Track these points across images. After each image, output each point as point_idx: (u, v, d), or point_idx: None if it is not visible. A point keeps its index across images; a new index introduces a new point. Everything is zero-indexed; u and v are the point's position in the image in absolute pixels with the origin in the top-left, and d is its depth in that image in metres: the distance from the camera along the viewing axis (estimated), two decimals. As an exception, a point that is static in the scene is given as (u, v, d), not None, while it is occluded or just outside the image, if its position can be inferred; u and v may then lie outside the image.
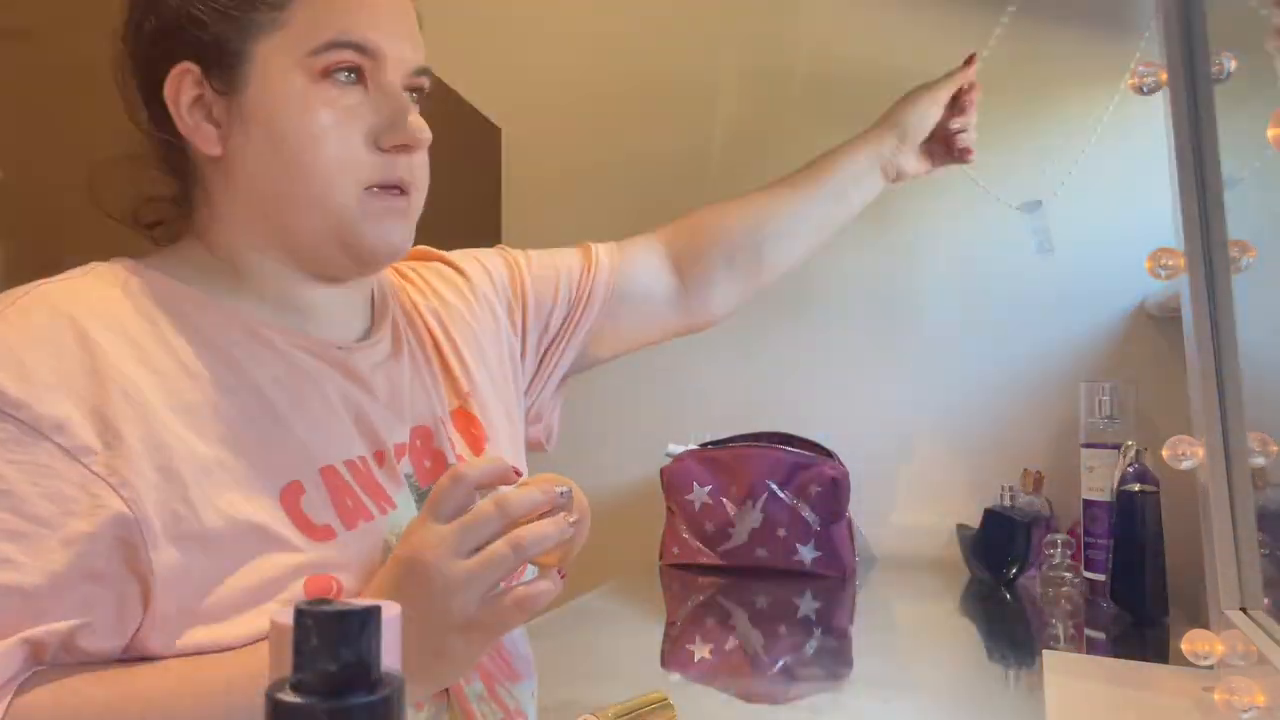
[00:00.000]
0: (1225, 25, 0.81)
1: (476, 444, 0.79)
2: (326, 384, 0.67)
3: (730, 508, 1.34)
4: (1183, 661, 0.72)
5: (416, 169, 0.68)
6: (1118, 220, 1.38)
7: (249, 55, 0.64)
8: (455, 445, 0.76)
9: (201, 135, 0.64)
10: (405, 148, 0.66)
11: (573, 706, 0.71)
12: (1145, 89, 0.83)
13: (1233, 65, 0.80)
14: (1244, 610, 0.74)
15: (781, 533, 1.30)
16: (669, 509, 1.39)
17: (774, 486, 1.32)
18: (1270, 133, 0.62)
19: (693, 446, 1.41)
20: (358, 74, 0.65)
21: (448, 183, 0.74)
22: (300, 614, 0.30)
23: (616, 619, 1.07)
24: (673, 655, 0.95)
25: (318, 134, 0.64)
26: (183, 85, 0.64)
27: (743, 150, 1.58)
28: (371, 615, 0.31)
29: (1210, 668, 0.71)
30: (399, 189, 0.67)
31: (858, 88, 1.52)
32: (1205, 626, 0.73)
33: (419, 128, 0.66)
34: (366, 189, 0.65)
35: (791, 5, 1.55)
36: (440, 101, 0.73)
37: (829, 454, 1.37)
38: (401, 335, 0.77)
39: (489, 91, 1.71)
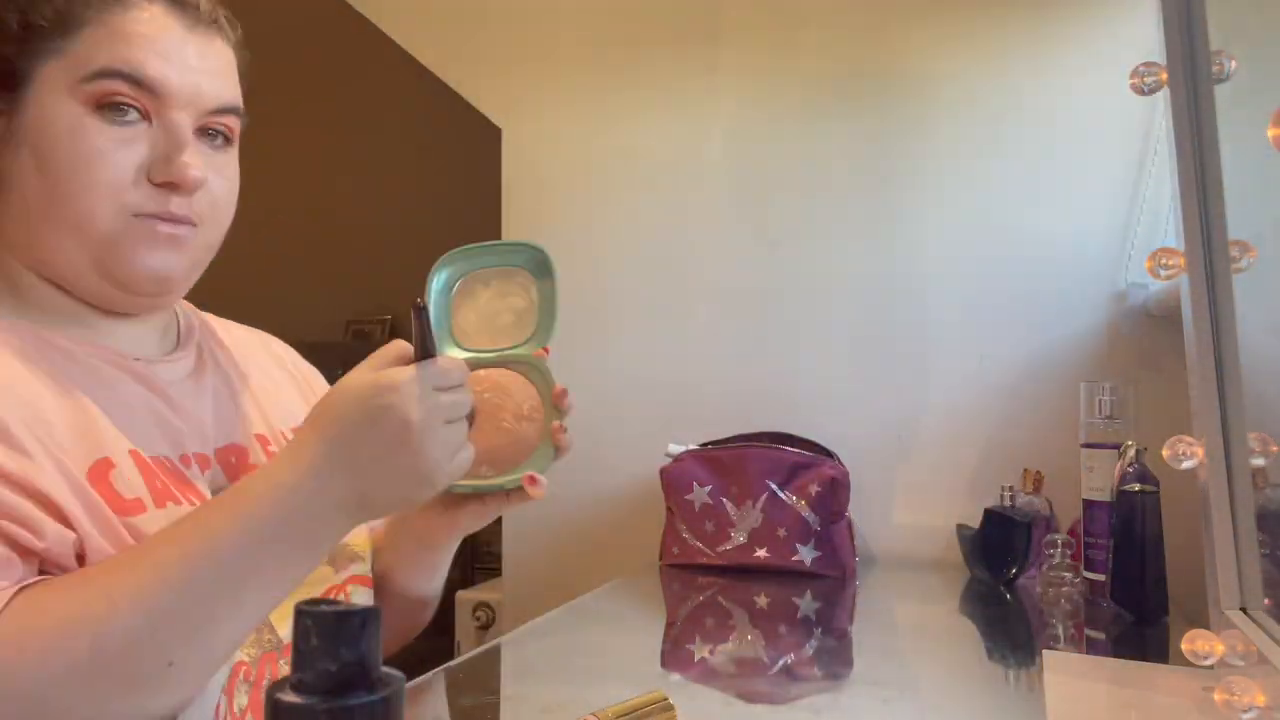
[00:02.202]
0: (1225, 25, 0.81)
1: None
2: (124, 389, 0.67)
3: (730, 508, 1.34)
4: (1183, 661, 0.72)
5: (202, 206, 0.68)
6: (1118, 220, 1.38)
7: (31, 78, 0.64)
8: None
9: None
10: (173, 185, 0.65)
11: (573, 706, 0.71)
12: (1145, 89, 0.83)
13: (1233, 65, 0.80)
14: (1244, 610, 0.74)
15: (781, 533, 1.30)
16: (669, 509, 1.39)
17: (774, 486, 1.32)
18: (1270, 133, 0.62)
19: (693, 446, 1.41)
20: (141, 111, 0.65)
21: (448, 183, 0.74)
22: (300, 614, 0.30)
23: (616, 619, 1.07)
24: (673, 655, 0.95)
25: (84, 161, 0.63)
26: None
27: (743, 150, 1.58)
28: (371, 615, 0.31)
29: (1210, 668, 0.71)
30: (175, 220, 0.66)
31: (858, 88, 1.52)
32: (1205, 626, 0.73)
33: (188, 166, 0.65)
34: (135, 215, 0.65)
35: (792, 5, 1.55)
36: (440, 101, 0.74)
37: (829, 454, 1.37)
38: (206, 360, 0.76)
39: (489, 91, 1.71)
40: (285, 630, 0.68)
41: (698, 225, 1.59)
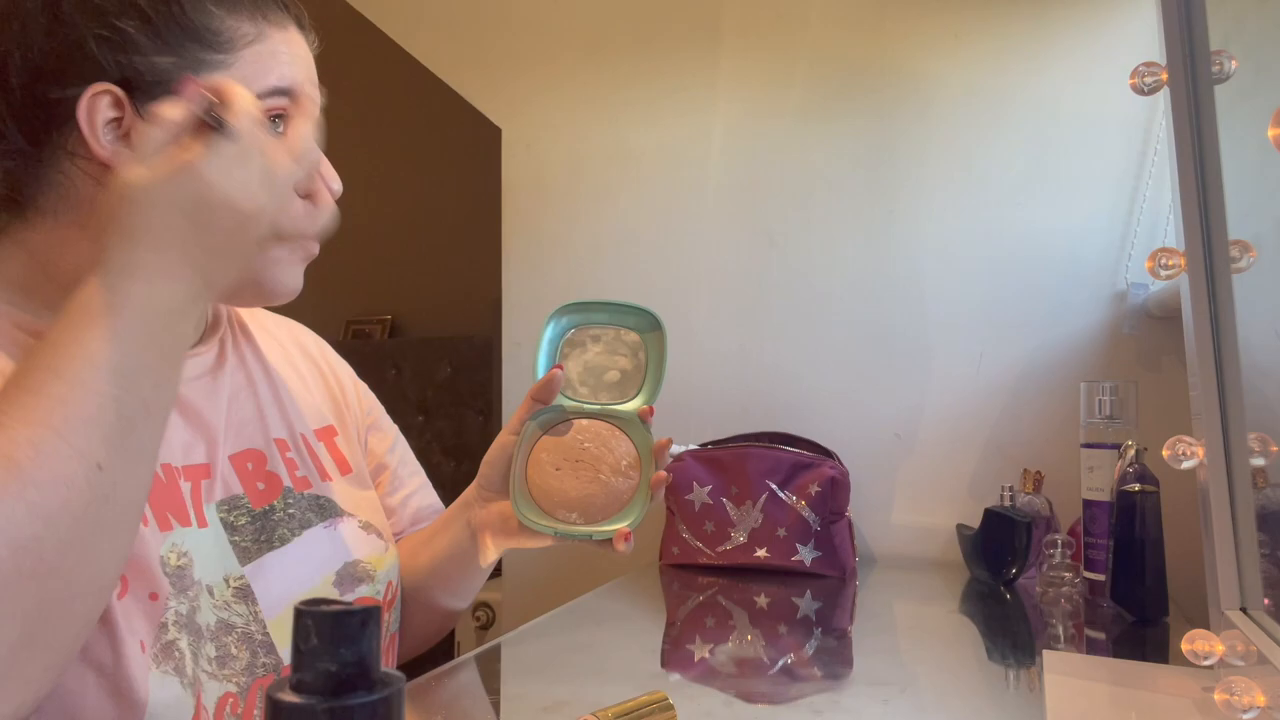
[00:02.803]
0: (1225, 25, 0.81)
1: (342, 465, 0.81)
2: None
3: (730, 508, 1.34)
4: (1183, 661, 0.72)
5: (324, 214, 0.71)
6: (1118, 220, 1.39)
7: None
8: (316, 455, 0.78)
9: (112, 153, 0.61)
10: (316, 194, 0.69)
11: (573, 706, 0.71)
12: (1145, 89, 0.83)
13: (1233, 65, 0.80)
14: (1244, 610, 0.74)
15: (781, 533, 1.30)
16: (669, 509, 1.40)
17: (774, 486, 1.32)
18: (1270, 133, 0.62)
19: (693, 446, 1.41)
20: (284, 121, 0.67)
21: (448, 183, 0.75)
22: (300, 614, 0.30)
23: (616, 619, 1.07)
24: (673, 655, 0.95)
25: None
26: (97, 105, 0.61)
27: (743, 150, 1.58)
28: (371, 615, 0.31)
29: (1210, 668, 0.71)
30: (312, 236, 0.69)
31: (858, 88, 1.52)
32: (1205, 626, 0.73)
33: (334, 178, 0.71)
34: (277, 235, 0.66)
35: (792, 5, 1.55)
36: (440, 101, 0.74)
37: (829, 454, 1.37)
38: (228, 356, 0.75)
39: (489, 91, 1.71)
40: (286, 649, 0.67)
41: (698, 225, 1.59)
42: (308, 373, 0.84)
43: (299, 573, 0.72)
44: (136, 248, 0.55)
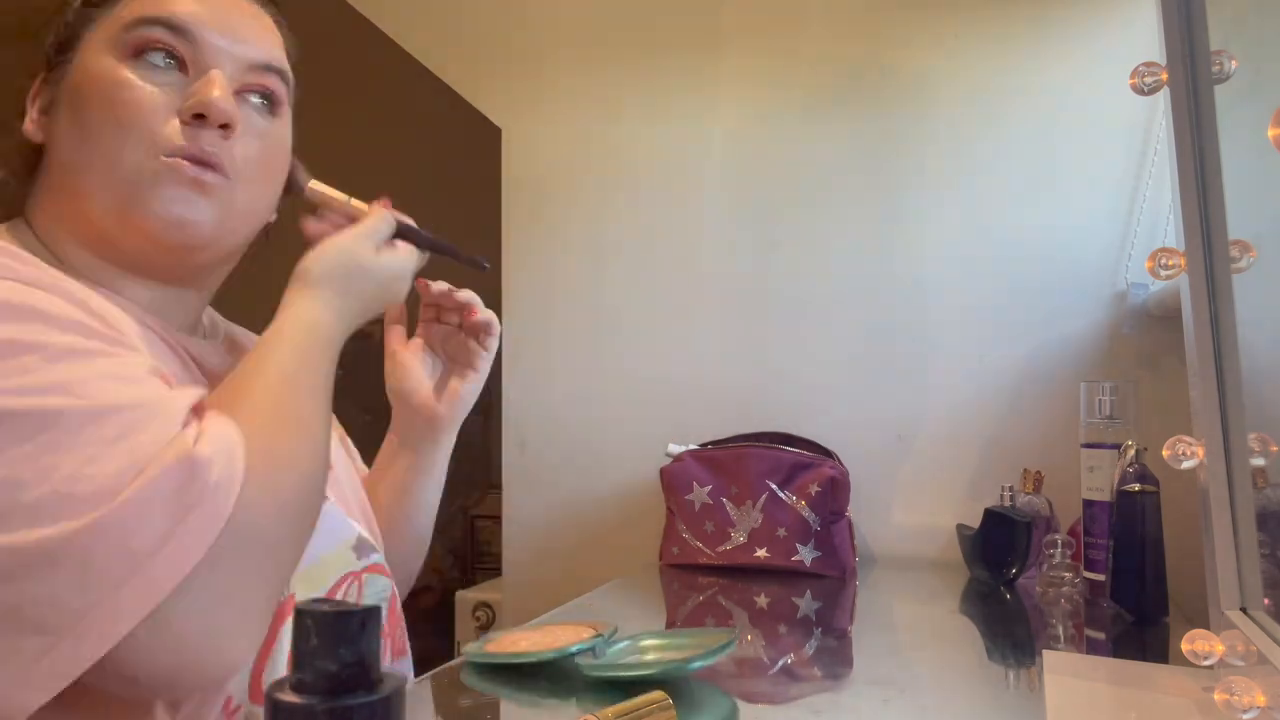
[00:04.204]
0: (1225, 25, 0.81)
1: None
2: (172, 362, 0.68)
3: (730, 508, 1.34)
4: (1183, 661, 0.72)
5: (233, 154, 0.67)
6: (1118, 220, 1.39)
7: (78, 46, 0.66)
8: None
9: (33, 126, 0.68)
10: (200, 118, 0.64)
11: (573, 707, 0.71)
12: (1145, 89, 0.83)
13: (1233, 65, 0.80)
14: (1244, 610, 0.74)
15: (781, 533, 1.30)
16: (669, 509, 1.39)
17: (774, 486, 1.32)
18: (1270, 133, 0.62)
19: (693, 446, 1.41)
20: (177, 60, 0.65)
21: (448, 183, 0.76)
22: (300, 614, 0.30)
23: (616, 619, 1.07)
24: (673, 655, 0.94)
25: (114, 103, 0.63)
26: (39, 90, 0.69)
27: (743, 150, 1.58)
28: (371, 615, 0.31)
29: (1210, 668, 0.71)
30: (205, 163, 0.65)
31: (858, 88, 1.52)
32: (1205, 626, 0.73)
33: (216, 98, 0.64)
34: (165, 155, 0.64)
35: (793, 5, 1.55)
36: (440, 101, 0.75)
37: (829, 454, 1.37)
38: (233, 348, 0.79)
39: (489, 91, 1.71)
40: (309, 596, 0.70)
41: (698, 225, 1.59)
42: None
43: (323, 537, 0.74)
44: (350, 300, 0.71)
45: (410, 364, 0.92)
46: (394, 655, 0.82)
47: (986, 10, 1.46)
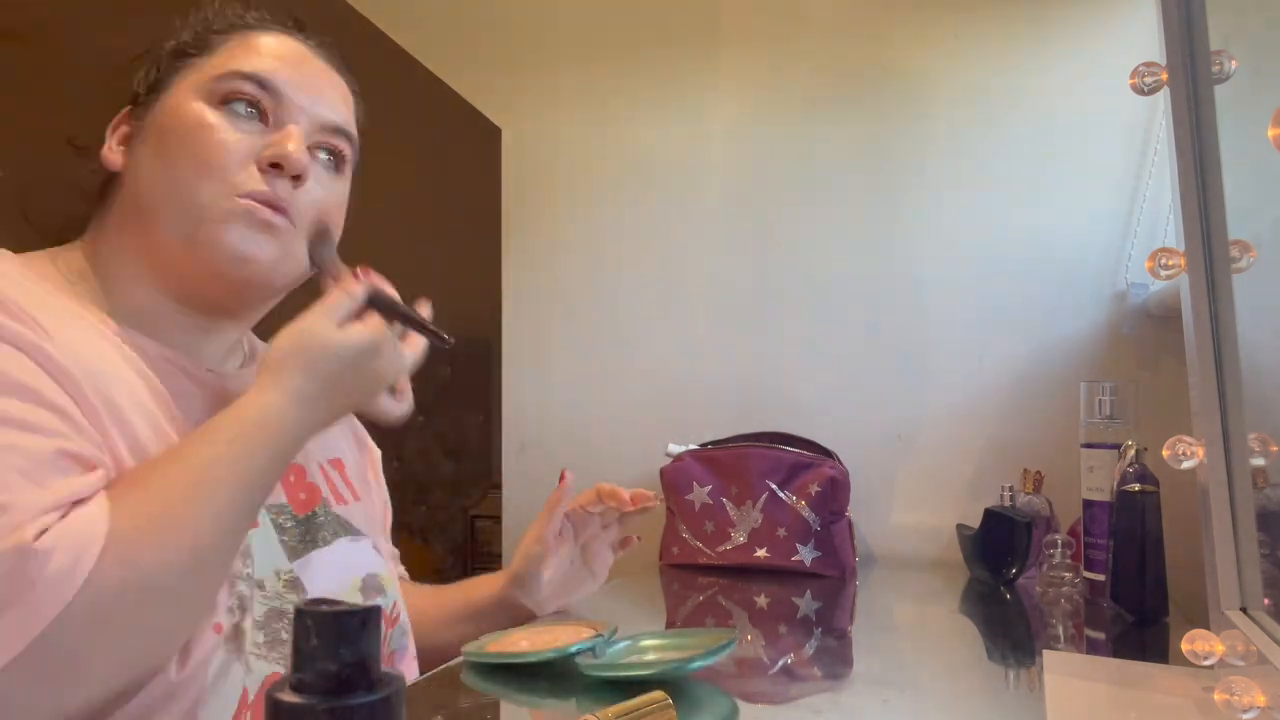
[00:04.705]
0: (1225, 25, 0.81)
1: (345, 491, 0.86)
2: (193, 403, 0.71)
3: (730, 508, 1.34)
4: (1183, 661, 0.72)
5: (300, 200, 0.72)
6: (1118, 220, 1.39)
7: (168, 88, 0.71)
8: (331, 480, 0.83)
9: (112, 156, 0.72)
10: (277, 167, 0.69)
11: (573, 707, 0.71)
12: (1145, 89, 0.83)
13: (1233, 65, 0.80)
14: (1244, 610, 0.74)
15: (781, 533, 1.30)
16: (669, 509, 1.39)
17: (774, 486, 1.32)
18: (1270, 133, 0.62)
19: (693, 446, 1.41)
20: (259, 111, 0.71)
21: (448, 183, 0.77)
22: (300, 614, 0.30)
23: (616, 619, 1.07)
24: (673, 655, 0.94)
25: (198, 144, 0.68)
26: (119, 123, 0.73)
27: (742, 150, 1.58)
28: (371, 615, 0.31)
29: (1210, 668, 0.71)
30: (276, 207, 0.70)
31: (857, 88, 1.52)
32: (1205, 626, 0.73)
33: (291, 148, 0.70)
34: (242, 196, 0.69)
35: (792, 5, 1.55)
36: (440, 101, 0.75)
37: (829, 454, 1.37)
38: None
39: (489, 91, 1.71)
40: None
41: (698, 225, 1.59)
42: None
43: (337, 573, 0.77)
44: (310, 380, 0.66)
45: (552, 560, 0.98)
46: None
47: (987, 10, 1.46)
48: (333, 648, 0.30)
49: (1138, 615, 1.03)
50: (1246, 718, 0.64)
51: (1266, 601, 0.74)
